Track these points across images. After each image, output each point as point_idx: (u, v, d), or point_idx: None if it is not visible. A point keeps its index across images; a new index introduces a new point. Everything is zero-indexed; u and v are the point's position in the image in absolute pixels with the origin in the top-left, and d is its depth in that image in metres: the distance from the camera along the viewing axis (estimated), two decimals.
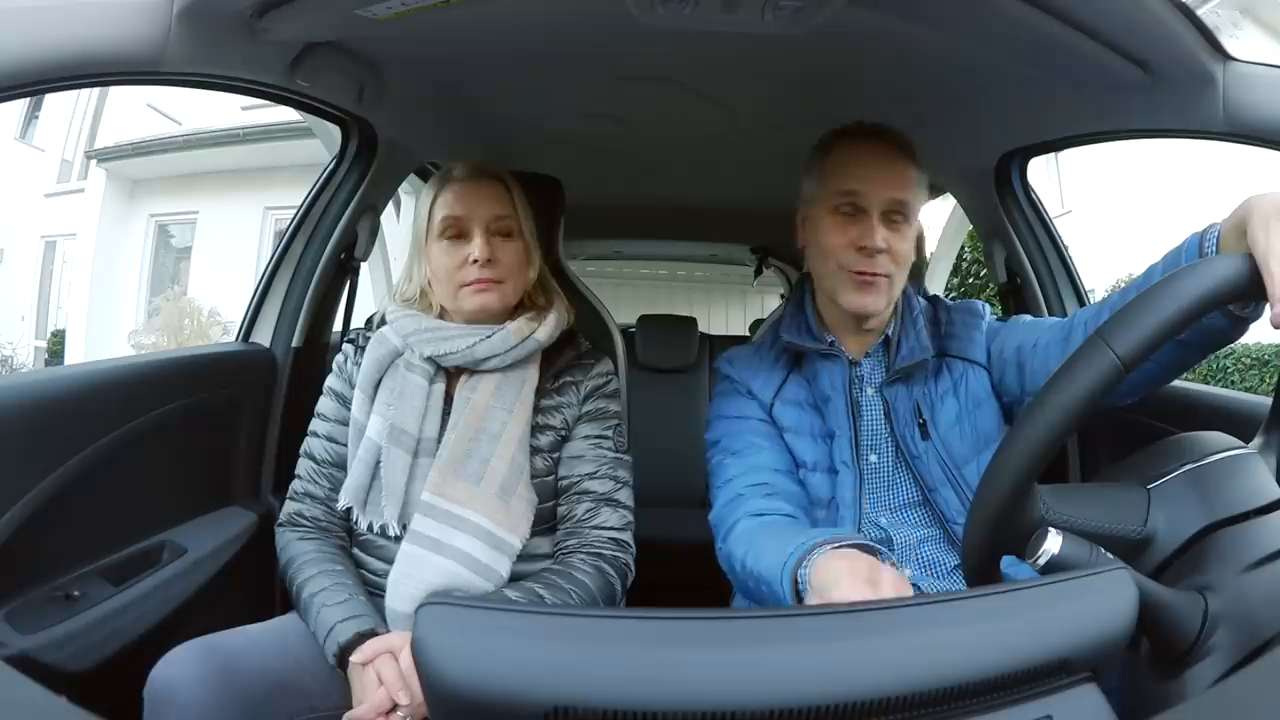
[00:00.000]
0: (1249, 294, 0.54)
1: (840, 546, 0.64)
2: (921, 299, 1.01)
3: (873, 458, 0.92)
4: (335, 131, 1.30)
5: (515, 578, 0.90)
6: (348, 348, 1.04)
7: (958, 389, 0.93)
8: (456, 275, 0.95)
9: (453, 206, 0.96)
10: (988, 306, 1.00)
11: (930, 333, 0.96)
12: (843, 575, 0.59)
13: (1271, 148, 0.83)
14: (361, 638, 0.83)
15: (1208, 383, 5.76)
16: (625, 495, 0.98)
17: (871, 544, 0.66)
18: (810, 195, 0.97)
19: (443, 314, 0.99)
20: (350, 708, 0.81)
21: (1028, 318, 0.98)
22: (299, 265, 1.32)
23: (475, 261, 0.93)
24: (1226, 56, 0.84)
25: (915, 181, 0.94)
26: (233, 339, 1.34)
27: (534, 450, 0.96)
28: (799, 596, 0.65)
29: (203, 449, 1.16)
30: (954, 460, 0.89)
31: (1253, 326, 0.69)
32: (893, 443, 0.92)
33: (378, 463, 0.93)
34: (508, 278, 0.96)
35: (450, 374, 0.98)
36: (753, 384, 0.98)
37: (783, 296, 3.03)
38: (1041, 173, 6.90)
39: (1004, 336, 0.94)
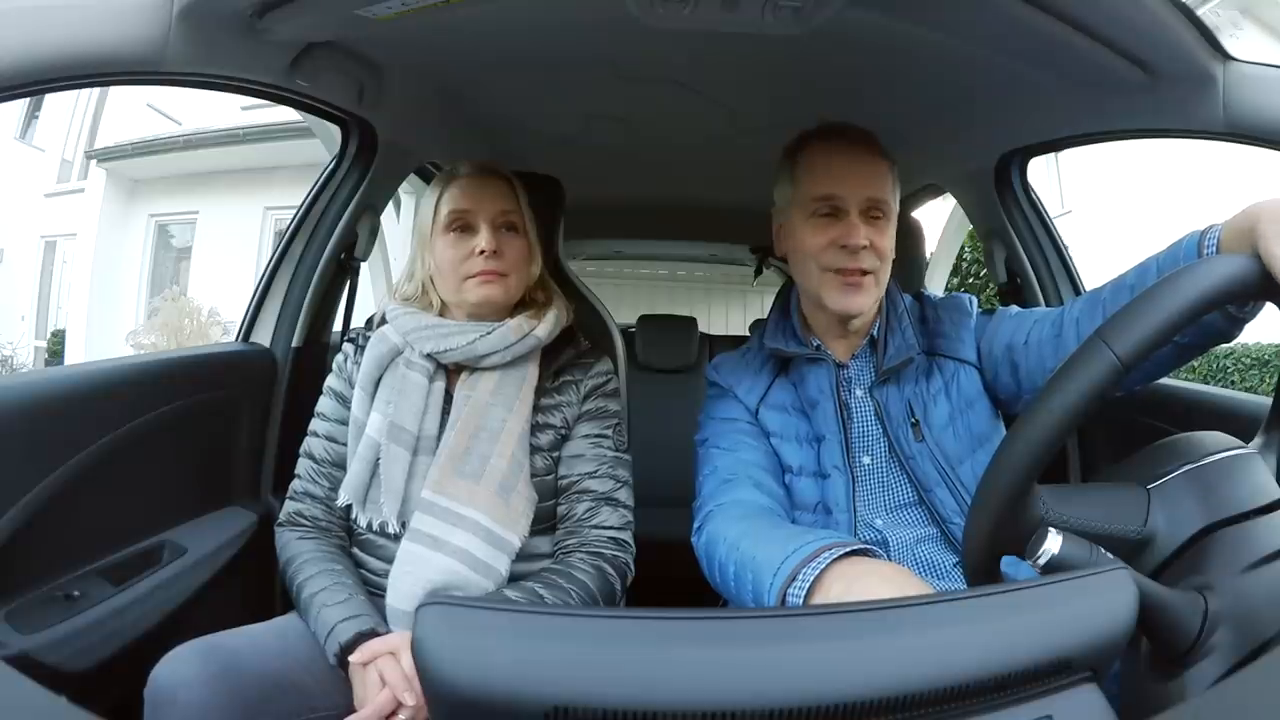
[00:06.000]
0: (1250, 294, 0.54)
1: (848, 554, 0.63)
2: (907, 296, 1.00)
3: (866, 459, 0.92)
4: (335, 131, 1.30)
5: (515, 577, 0.90)
6: (348, 347, 1.04)
7: (949, 389, 0.92)
8: (462, 267, 0.96)
9: (459, 201, 0.97)
10: (974, 300, 0.99)
11: (918, 330, 0.96)
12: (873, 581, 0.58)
13: (1271, 148, 0.83)
14: (362, 637, 0.83)
15: (1208, 383, 5.76)
16: (625, 494, 0.98)
17: (869, 546, 0.66)
18: (784, 203, 0.97)
19: (443, 311, 1.00)
20: (350, 708, 0.81)
21: (1015, 309, 0.96)
22: (299, 265, 1.32)
23: (482, 253, 0.94)
24: (1226, 56, 0.84)
25: (891, 178, 0.93)
26: (233, 339, 1.34)
27: (534, 449, 0.96)
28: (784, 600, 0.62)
29: (203, 449, 1.16)
30: (949, 460, 0.89)
31: (1252, 326, 0.69)
32: (886, 444, 0.92)
33: (377, 460, 0.93)
34: (512, 271, 0.97)
35: (450, 372, 0.98)
36: (738, 389, 0.99)
37: None
38: (1041, 173, 6.90)
39: (993, 333, 0.93)
